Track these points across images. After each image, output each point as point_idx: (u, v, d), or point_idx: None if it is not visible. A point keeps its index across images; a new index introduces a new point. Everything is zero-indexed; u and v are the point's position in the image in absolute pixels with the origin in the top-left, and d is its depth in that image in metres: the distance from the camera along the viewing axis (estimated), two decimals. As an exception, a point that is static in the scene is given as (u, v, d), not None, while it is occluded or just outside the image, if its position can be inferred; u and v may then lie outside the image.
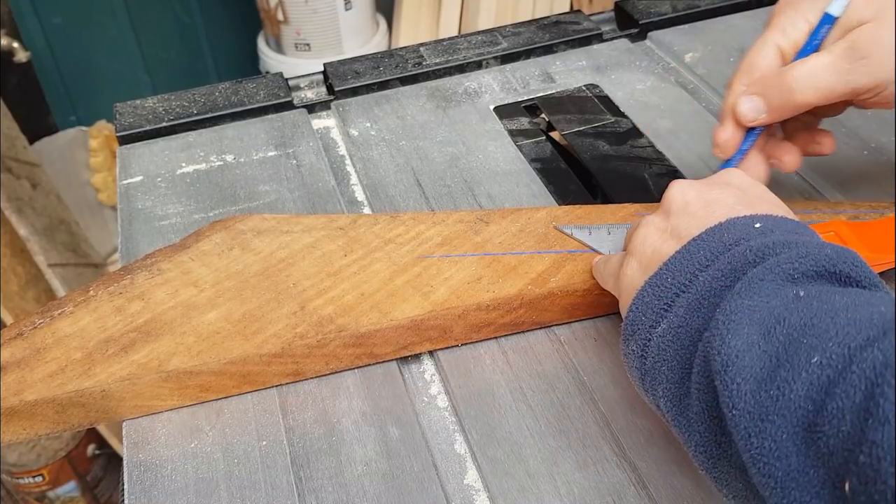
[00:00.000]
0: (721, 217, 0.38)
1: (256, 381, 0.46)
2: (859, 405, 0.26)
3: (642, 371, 0.37)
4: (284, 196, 0.61)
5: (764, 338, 0.31)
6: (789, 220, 0.37)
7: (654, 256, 0.39)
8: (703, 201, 0.39)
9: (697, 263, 0.36)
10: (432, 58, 0.74)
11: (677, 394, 0.35)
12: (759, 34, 0.49)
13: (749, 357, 0.30)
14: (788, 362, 0.29)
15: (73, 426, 0.45)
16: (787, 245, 0.35)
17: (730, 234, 0.36)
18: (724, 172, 0.43)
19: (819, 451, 0.27)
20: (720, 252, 0.36)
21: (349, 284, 0.49)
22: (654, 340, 0.36)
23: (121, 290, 0.49)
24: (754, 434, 0.29)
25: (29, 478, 1.35)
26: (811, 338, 0.29)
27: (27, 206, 1.37)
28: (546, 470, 0.42)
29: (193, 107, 0.70)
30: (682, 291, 0.36)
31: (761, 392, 0.29)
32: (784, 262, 0.33)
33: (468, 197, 0.60)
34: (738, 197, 0.39)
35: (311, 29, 1.63)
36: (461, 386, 0.47)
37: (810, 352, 0.29)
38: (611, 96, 0.69)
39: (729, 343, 0.31)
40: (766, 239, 0.35)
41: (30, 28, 1.69)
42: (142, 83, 1.86)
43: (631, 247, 0.41)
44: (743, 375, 0.30)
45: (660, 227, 0.40)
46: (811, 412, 0.28)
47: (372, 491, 0.42)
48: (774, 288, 0.33)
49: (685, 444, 0.35)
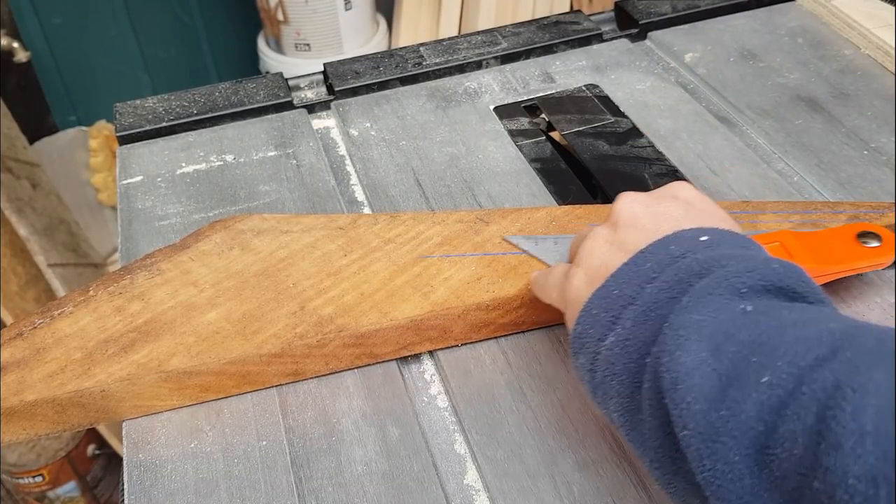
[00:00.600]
0: (668, 230, 0.37)
1: (256, 381, 0.46)
2: (811, 428, 0.26)
3: (593, 385, 0.37)
4: (284, 196, 0.61)
5: (713, 355, 0.30)
6: (736, 234, 0.37)
7: (601, 268, 0.38)
8: (651, 214, 0.39)
9: (645, 275, 0.36)
10: (432, 58, 0.74)
11: (629, 408, 0.34)
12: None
13: (699, 375, 0.30)
14: (738, 381, 0.29)
15: (73, 426, 0.45)
16: (734, 258, 0.34)
17: (677, 246, 0.36)
18: (671, 186, 0.42)
19: (772, 475, 0.27)
20: (667, 264, 0.35)
21: (349, 284, 0.49)
22: (602, 354, 0.36)
23: (121, 290, 0.49)
24: (706, 455, 0.29)
25: (29, 478, 1.35)
26: (760, 356, 0.29)
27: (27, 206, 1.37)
28: (546, 470, 0.42)
29: (193, 107, 0.70)
30: (629, 303, 0.35)
31: (712, 412, 0.29)
32: (731, 276, 0.33)
33: (468, 197, 0.60)
34: (686, 210, 0.39)
35: (311, 29, 1.63)
36: (461, 386, 0.47)
37: (760, 371, 0.28)
38: (611, 96, 0.69)
39: (678, 360, 0.30)
40: (713, 252, 0.35)
41: (30, 28, 1.69)
42: (142, 83, 1.86)
43: (578, 258, 0.41)
44: (693, 394, 0.29)
45: (608, 239, 0.40)
46: (763, 433, 0.27)
47: (372, 491, 0.41)
48: (722, 302, 0.32)
49: (641, 458, 0.34)
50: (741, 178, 0.60)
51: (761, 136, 0.64)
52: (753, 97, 0.68)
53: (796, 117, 0.66)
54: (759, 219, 0.52)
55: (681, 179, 0.60)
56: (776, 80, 0.70)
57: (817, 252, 0.46)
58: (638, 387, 0.34)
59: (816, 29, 0.76)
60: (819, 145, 0.62)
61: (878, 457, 0.24)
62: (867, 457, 0.24)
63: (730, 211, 0.53)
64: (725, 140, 0.64)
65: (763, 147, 0.63)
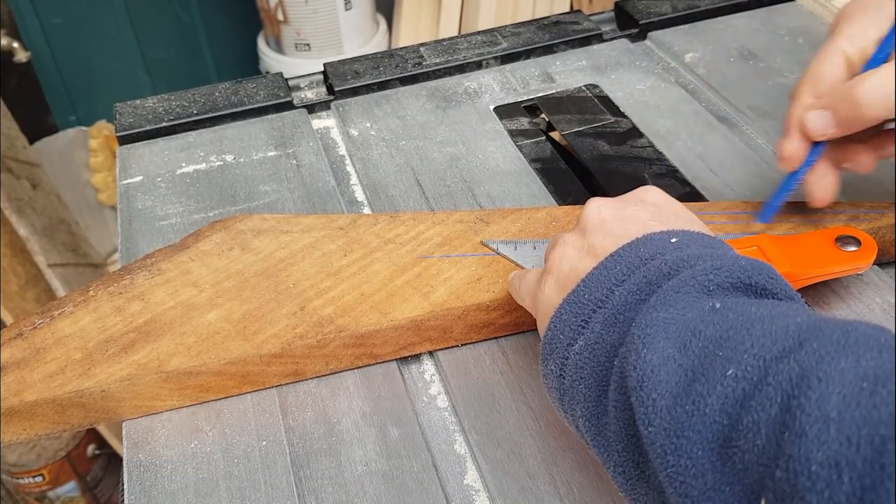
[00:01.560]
0: (636, 233, 0.37)
1: (256, 381, 0.46)
2: (775, 418, 0.26)
3: (561, 391, 0.36)
4: (284, 196, 0.61)
5: (680, 351, 0.30)
6: (705, 236, 0.37)
7: (570, 274, 0.38)
8: (619, 219, 0.39)
9: (614, 278, 0.35)
10: (432, 58, 0.74)
11: (595, 412, 0.34)
12: (826, 41, 0.47)
13: (665, 371, 0.30)
14: (704, 376, 0.29)
15: (73, 426, 0.45)
16: (703, 258, 0.34)
17: (646, 248, 0.36)
18: (639, 190, 0.42)
19: (734, 468, 0.27)
20: (636, 266, 0.35)
21: (349, 285, 0.49)
22: (571, 358, 0.35)
23: (121, 290, 0.49)
24: (670, 451, 0.28)
25: (29, 478, 1.35)
26: (727, 350, 0.29)
27: (27, 206, 1.37)
28: (546, 470, 0.42)
29: (193, 107, 0.70)
30: (598, 307, 0.35)
31: (677, 407, 0.29)
32: (699, 274, 0.33)
33: (468, 197, 0.60)
34: (653, 213, 0.39)
35: (311, 29, 1.63)
36: (461, 386, 0.47)
37: (726, 364, 0.28)
38: (611, 96, 0.69)
39: (644, 357, 0.30)
40: (682, 253, 0.35)
41: (30, 28, 1.69)
42: (142, 83, 1.86)
43: (548, 265, 0.40)
44: (658, 391, 0.29)
45: (576, 245, 0.39)
46: (727, 427, 0.27)
47: (372, 491, 0.42)
48: (690, 300, 0.32)
49: (604, 464, 0.34)
50: (741, 178, 0.60)
51: (761, 136, 0.64)
52: (753, 97, 0.68)
53: (796, 117, 0.65)
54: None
55: (680, 180, 0.60)
56: (776, 80, 0.70)
57: (795, 256, 0.46)
58: (605, 390, 0.34)
59: (816, 29, 0.76)
60: (819, 145, 0.62)
61: (841, 443, 0.23)
62: (831, 443, 0.24)
63: (730, 211, 0.53)
64: (725, 140, 0.64)
65: (763, 147, 0.63)
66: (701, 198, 0.58)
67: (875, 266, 0.52)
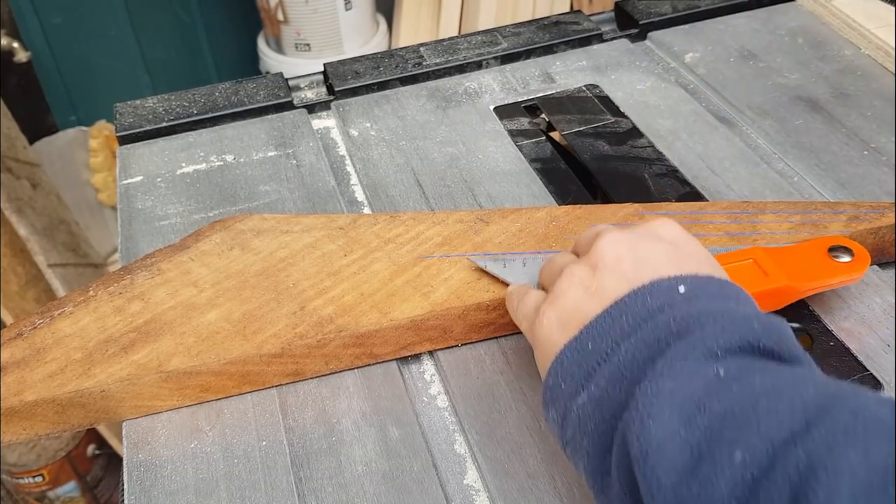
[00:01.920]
0: (648, 278, 0.36)
1: (256, 381, 0.46)
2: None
3: (563, 440, 0.36)
4: (284, 196, 0.61)
5: (685, 426, 0.30)
6: (715, 282, 0.36)
7: (574, 314, 0.37)
8: (634, 259, 0.37)
9: (620, 330, 0.35)
10: (432, 58, 0.74)
11: (599, 468, 0.33)
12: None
13: (670, 447, 0.29)
14: (710, 456, 0.28)
15: (73, 426, 0.45)
16: (712, 315, 0.33)
17: (653, 298, 0.35)
18: (656, 224, 0.40)
19: None
20: (644, 319, 0.34)
21: (349, 284, 0.49)
22: (574, 412, 0.35)
23: (121, 290, 0.49)
24: None
25: (29, 478, 1.35)
26: (733, 429, 0.28)
27: (27, 206, 1.37)
28: (546, 470, 0.42)
29: (193, 107, 0.70)
30: (603, 360, 0.34)
31: (682, 487, 0.28)
32: (708, 338, 0.32)
33: (468, 197, 0.60)
34: (669, 254, 0.38)
35: (311, 29, 1.63)
36: (461, 386, 0.47)
37: (732, 446, 0.28)
38: (611, 96, 0.69)
39: (649, 429, 0.30)
40: (691, 307, 0.34)
41: (30, 28, 1.69)
42: (142, 83, 1.86)
43: (551, 295, 0.39)
44: (664, 467, 0.29)
45: (584, 281, 0.38)
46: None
47: (372, 491, 0.42)
48: (696, 367, 0.31)
49: None
50: (741, 178, 0.60)
51: (761, 136, 0.64)
52: (753, 97, 0.68)
53: (796, 117, 0.66)
54: (759, 219, 0.52)
55: (680, 180, 0.60)
56: (776, 80, 0.70)
57: (790, 268, 0.46)
58: (608, 448, 0.33)
59: (816, 29, 0.76)
60: (819, 145, 0.62)
61: None
62: None
63: (730, 211, 0.53)
64: (725, 140, 0.64)
65: (763, 147, 0.63)
66: (701, 198, 0.58)
67: (875, 266, 0.52)
